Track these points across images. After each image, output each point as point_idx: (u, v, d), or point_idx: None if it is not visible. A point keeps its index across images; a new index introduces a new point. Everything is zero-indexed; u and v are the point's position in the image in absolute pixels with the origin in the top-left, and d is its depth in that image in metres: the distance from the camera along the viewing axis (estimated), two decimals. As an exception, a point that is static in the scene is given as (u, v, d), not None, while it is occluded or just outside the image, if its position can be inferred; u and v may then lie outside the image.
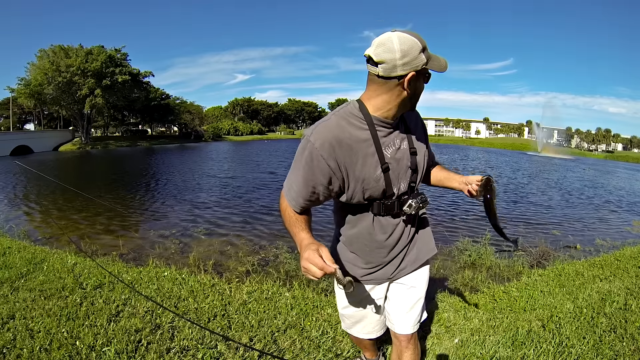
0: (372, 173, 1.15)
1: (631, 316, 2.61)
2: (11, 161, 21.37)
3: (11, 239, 4.88)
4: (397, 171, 1.21)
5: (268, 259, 4.87)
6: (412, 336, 1.48)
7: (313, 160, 1.10)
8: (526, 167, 25.36)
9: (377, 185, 1.17)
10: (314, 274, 0.99)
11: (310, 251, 1.02)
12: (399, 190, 1.24)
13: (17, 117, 50.46)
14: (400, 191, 1.24)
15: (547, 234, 6.82)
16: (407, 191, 1.26)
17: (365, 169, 1.14)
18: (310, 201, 1.19)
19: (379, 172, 1.16)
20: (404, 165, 1.22)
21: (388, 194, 1.21)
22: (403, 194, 1.25)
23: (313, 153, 1.10)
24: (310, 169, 1.12)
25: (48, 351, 1.97)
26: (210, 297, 2.80)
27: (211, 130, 53.52)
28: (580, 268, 3.99)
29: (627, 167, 37.95)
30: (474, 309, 2.92)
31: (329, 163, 1.10)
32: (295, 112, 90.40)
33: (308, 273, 1.00)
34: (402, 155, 1.22)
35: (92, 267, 3.46)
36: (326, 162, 1.10)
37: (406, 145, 1.23)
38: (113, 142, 40.39)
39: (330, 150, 1.09)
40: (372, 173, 1.15)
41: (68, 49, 34.43)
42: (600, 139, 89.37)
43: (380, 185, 1.18)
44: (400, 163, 1.21)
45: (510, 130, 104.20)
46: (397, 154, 1.20)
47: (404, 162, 1.22)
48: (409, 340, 1.47)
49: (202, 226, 6.66)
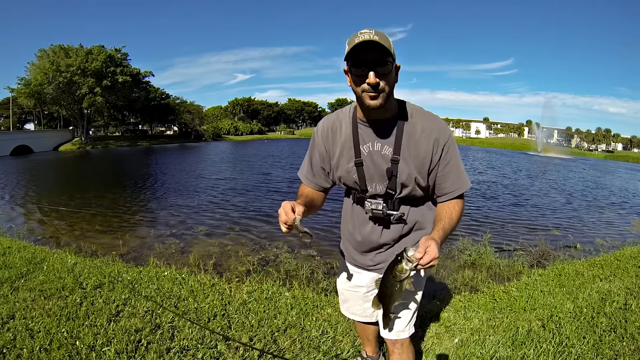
0: (345, 164, 1.33)
1: (631, 316, 2.61)
2: (11, 161, 21.39)
3: (11, 239, 4.88)
4: (371, 170, 1.30)
5: (268, 258, 4.87)
6: (397, 342, 1.45)
7: (315, 140, 1.42)
8: (526, 167, 25.35)
9: (348, 176, 1.34)
10: (280, 217, 1.14)
11: (287, 202, 1.17)
12: (375, 190, 1.32)
13: (17, 117, 50.46)
14: (376, 191, 1.32)
15: (547, 234, 6.82)
16: (384, 195, 1.32)
17: (342, 160, 1.34)
18: (311, 174, 1.44)
19: (351, 164, 1.31)
20: (380, 168, 1.28)
21: (361, 187, 1.34)
22: (378, 195, 1.32)
23: (315, 135, 1.42)
24: (312, 146, 1.43)
25: (48, 351, 1.97)
26: (210, 297, 2.80)
27: (211, 130, 53.51)
28: (580, 268, 3.99)
29: (627, 167, 37.94)
30: (474, 308, 2.92)
31: (324, 144, 1.38)
32: (295, 112, 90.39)
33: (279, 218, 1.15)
34: (379, 158, 1.27)
35: (92, 267, 3.46)
36: (322, 142, 1.38)
37: (389, 152, 1.26)
38: (113, 142, 40.37)
39: (324, 134, 1.37)
40: (345, 164, 1.33)
41: (68, 49, 34.39)
42: (600, 138, 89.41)
43: (352, 177, 1.33)
44: (377, 165, 1.28)
45: (510, 130, 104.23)
46: (375, 156, 1.28)
47: (380, 166, 1.28)
48: (394, 344, 1.46)
49: (202, 226, 6.66)
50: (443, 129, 1.25)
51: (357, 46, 1.08)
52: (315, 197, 1.43)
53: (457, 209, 1.29)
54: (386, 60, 1.10)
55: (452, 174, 1.27)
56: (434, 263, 1.04)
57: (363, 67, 1.11)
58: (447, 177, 1.28)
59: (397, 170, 1.25)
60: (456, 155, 1.29)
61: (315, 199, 1.42)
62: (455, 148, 1.28)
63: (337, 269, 4.59)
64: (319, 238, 5.83)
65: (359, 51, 1.09)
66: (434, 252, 1.04)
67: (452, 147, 1.27)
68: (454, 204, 1.30)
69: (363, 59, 1.10)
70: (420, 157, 1.25)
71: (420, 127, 1.24)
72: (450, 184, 1.28)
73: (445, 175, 1.28)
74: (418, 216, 1.38)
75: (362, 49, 1.08)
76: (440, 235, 1.17)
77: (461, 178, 1.29)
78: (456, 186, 1.29)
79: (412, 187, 1.29)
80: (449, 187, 1.29)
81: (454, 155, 1.27)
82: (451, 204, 1.30)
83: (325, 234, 6.04)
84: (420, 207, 1.38)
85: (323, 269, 4.52)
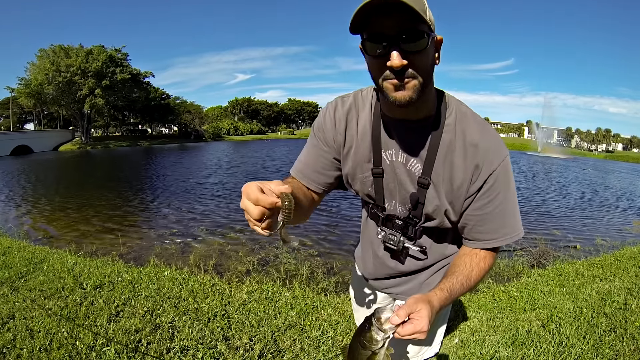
0: (359, 171, 0.99)
1: (631, 316, 2.61)
2: (11, 161, 21.40)
3: (11, 239, 4.88)
4: (391, 186, 0.96)
5: (268, 258, 4.87)
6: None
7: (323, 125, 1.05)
8: (526, 167, 25.35)
9: (363, 187, 1.00)
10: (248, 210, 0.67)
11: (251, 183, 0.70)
12: (394, 209, 0.99)
13: (17, 117, 50.44)
14: (395, 212, 0.99)
15: (547, 234, 6.82)
16: (401, 221, 0.98)
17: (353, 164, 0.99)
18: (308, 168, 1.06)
19: (367, 173, 0.97)
20: (404, 188, 0.94)
21: (377, 203, 1.01)
22: (397, 217, 0.98)
23: (324, 118, 1.04)
24: (316, 133, 1.07)
25: (48, 351, 1.97)
26: (210, 297, 2.80)
27: (211, 130, 53.51)
28: (580, 268, 3.99)
29: (627, 167, 37.95)
30: (474, 309, 2.92)
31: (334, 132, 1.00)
32: (295, 112, 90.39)
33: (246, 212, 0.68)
34: (404, 174, 0.93)
35: (92, 267, 3.46)
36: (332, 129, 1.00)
37: (417, 169, 0.90)
38: (113, 142, 40.37)
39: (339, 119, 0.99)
40: (360, 172, 0.99)
41: (68, 49, 34.44)
42: (600, 138, 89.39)
43: (366, 188, 1.00)
44: (400, 182, 0.94)
45: (510, 130, 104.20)
46: (398, 169, 0.93)
47: (405, 185, 0.94)
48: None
49: (202, 226, 6.66)
50: (492, 151, 0.84)
51: (368, 6, 0.69)
52: (301, 196, 0.94)
53: (482, 265, 0.91)
54: (419, 29, 0.71)
55: (494, 217, 0.88)
56: (420, 337, 0.73)
57: (382, 43, 0.72)
58: (485, 220, 0.89)
59: (424, 197, 0.90)
60: (507, 191, 0.87)
61: (300, 197, 0.91)
62: (507, 182, 0.87)
63: (337, 269, 4.60)
64: (319, 238, 5.83)
65: (373, 17, 0.71)
66: (421, 324, 0.72)
67: (502, 179, 0.85)
68: (482, 258, 0.92)
69: (380, 29, 0.72)
70: (455, 183, 0.87)
71: (462, 141, 0.86)
72: (486, 229, 0.90)
73: (484, 218, 0.88)
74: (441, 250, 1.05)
75: (378, 13, 0.70)
76: (443, 298, 0.82)
77: (507, 224, 0.89)
78: (497, 234, 0.89)
79: (441, 221, 0.94)
80: (484, 232, 0.90)
81: (503, 191, 0.86)
82: (477, 256, 0.92)
83: (325, 233, 6.05)
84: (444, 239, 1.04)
85: (323, 269, 4.52)
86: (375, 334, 0.73)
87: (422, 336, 0.73)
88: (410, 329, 0.72)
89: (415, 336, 0.73)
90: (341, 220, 7.11)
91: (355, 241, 1.38)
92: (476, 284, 0.90)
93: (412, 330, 0.72)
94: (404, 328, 0.73)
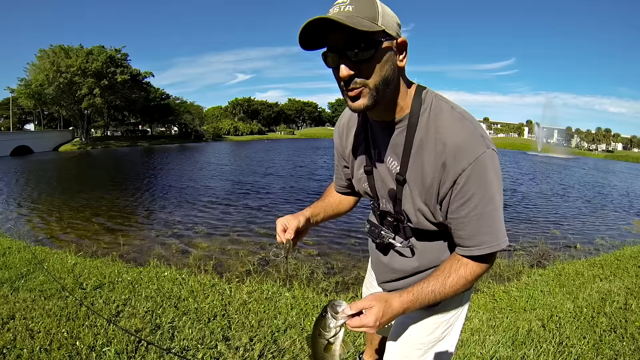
0: (356, 170, 1.07)
1: (631, 316, 2.61)
2: (11, 161, 21.40)
3: (11, 239, 4.89)
4: (379, 183, 1.00)
5: (268, 258, 4.87)
6: None
7: (334, 134, 1.17)
8: (527, 167, 25.34)
9: (359, 185, 1.07)
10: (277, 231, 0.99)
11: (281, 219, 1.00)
12: (385, 207, 1.01)
13: (17, 118, 50.48)
14: (387, 209, 1.01)
15: (547, 234, 6.82)
16: (392, 218, 1.00)
17: (354, 164, 1.08)
18: (335, 174, 1.23)
19: (361, 171, 1.04)
20: (386, 184, 0.97)
21: (373, 199, 1.06)
22: (389, 214, 1.01)
23: (336, 127, 1.16)
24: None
25: (48, 351, 1.97)
26: (210, 297, 2.80)
27: (211, 130, 53.52)
28: (580, 268, 3.99)
29: (627, 166, 37.92)
30: (474, 308, 2.92)
31: (339, 139, 1.14)
32: (295, 112, 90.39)
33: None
34: (386, 172, 0.95)
35: (92, 267, 3.46)
36: (339, 137, 1.14)
37: (394, 167, 0.92)
38: (113, 142, 40.37)
39: (341, 129, 1.13)
40: (356, 170, 1.07)
41: (68, 49, 34.43)
42: (600, 138, 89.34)
43: (362, 186, 1.06)
44: (383, 179, 0.97)
45: (511, 130, 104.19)
46: (380, 168, 0.97)
47: (386, 182, 0.97)
48: None
49: (203, 226, 6.66)
50: (462, 149, 0.79)
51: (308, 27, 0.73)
52: (335, 201, 1.22)
53: (461, 272, 0.87)
54: (368, 39, 0.74)
55: (469, 222, 0.83)
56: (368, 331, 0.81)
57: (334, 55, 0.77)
58: (461, 224, 0.84)
59: (401, 194, 0.91)
60: (484, 194, 0.80)
61: (333, 203, 1.22)
62: (483, 183, 0.80)
63: (337, 269, 4.60)
64: (320, 238, 5.83)
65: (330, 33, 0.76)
66: (368, 319, 0.78)
67: (476, 180, 0.79)
68: (463, 264, 0.88)
69: (333, 43, 0.77)
70: (426, 183, 0.85)
71: (433, 139, 0.83)
72: (465, 234, 0.85)
73: (460, 222, 0.84)
74: (436, 253, 1.01)
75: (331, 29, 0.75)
76: (407, 301, 0.84)
77: (484, 231, 0.83)
78: (473, 241, 0.84)
79: (418, 220, 0.92)
80: (463, 237, 0.86)
81: (478, 193, 0.80)
82: (459, 262, 0.88)
83: (325, 234, 6.05)
84: (438, 243, 1.00)
85: (323, 269, 4.52)
86: (329, 321, 0.80)
87: (369, 330, 0.80)
88: (357, 322, 0.80)
89: (363, 329, 0.80)
90: (341, 220, 7.11)
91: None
92: (455, 291, 0.87)
93: (359, 323, 0.79)
94: (353, 320, 0.80)
